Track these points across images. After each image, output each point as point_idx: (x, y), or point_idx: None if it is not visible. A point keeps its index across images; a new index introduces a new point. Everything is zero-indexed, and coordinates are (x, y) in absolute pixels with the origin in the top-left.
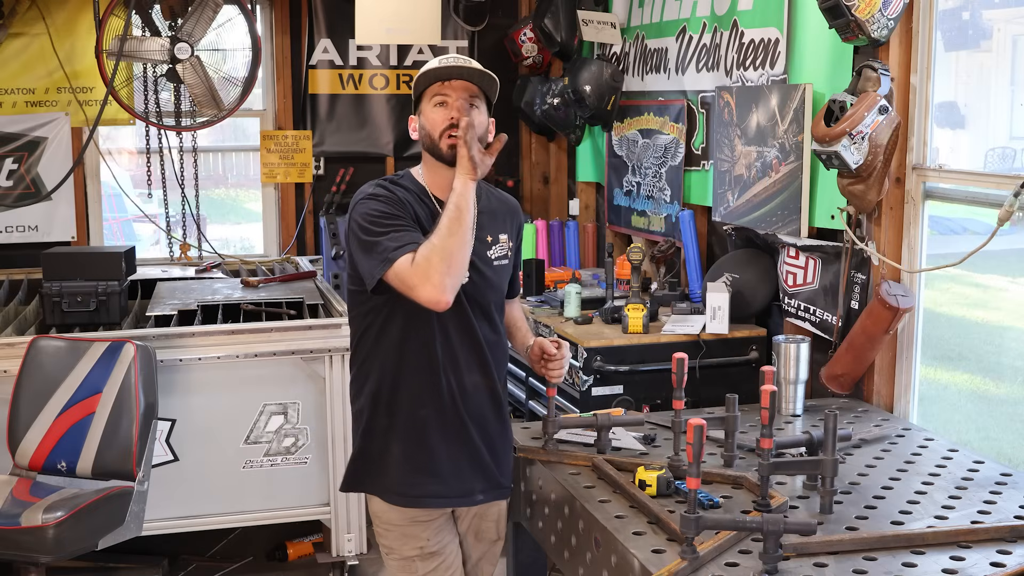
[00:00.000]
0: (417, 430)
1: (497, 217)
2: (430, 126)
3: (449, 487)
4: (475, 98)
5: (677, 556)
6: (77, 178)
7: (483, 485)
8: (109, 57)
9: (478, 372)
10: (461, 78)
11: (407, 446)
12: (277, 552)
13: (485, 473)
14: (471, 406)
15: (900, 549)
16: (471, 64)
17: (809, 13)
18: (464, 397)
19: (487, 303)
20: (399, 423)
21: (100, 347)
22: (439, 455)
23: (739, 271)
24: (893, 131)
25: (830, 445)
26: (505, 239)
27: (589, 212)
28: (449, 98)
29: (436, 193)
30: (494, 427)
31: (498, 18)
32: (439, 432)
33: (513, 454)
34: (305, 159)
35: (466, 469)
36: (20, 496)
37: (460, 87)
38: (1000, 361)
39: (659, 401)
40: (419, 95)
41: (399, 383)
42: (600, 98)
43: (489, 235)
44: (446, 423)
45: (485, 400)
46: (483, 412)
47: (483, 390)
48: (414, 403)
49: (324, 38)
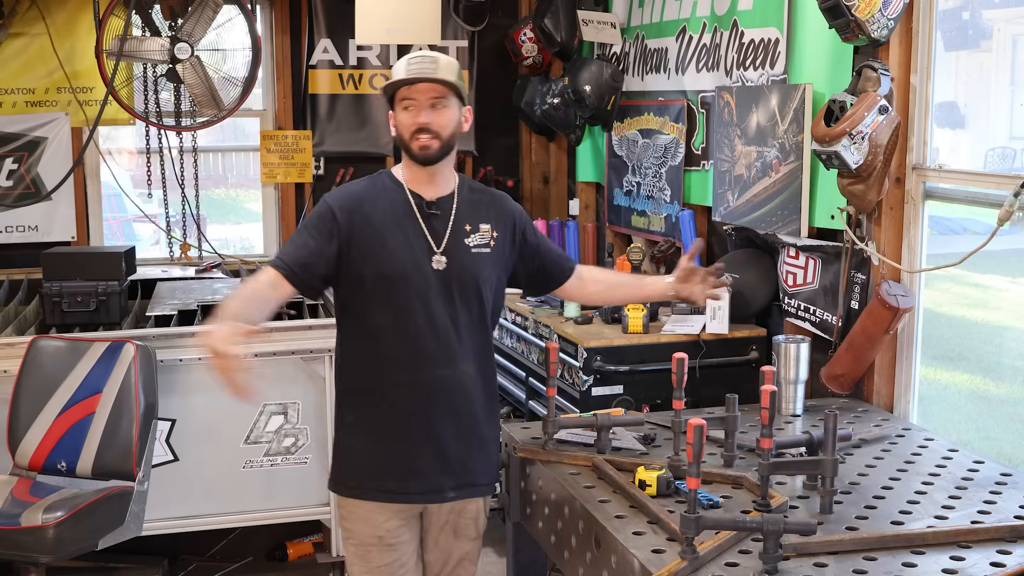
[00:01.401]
0: (380, 426)
1: (480, 208)
2: (401, 128)
3: (414, 484)
4: (440, 98)
5: (677, 556)
6: (77, 178)
7: (454, 483)
8: (109, 57)
9: (447, 365)
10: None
11: (370, 442)
12: (277, 552)
13: (455, 471)
14: (438, 401)
15: (900, 549)
16: (437, 66)
17: (809, 13)
18: (429, 392)
19: (466, 289)
20: (363, 418)
21: (100, 347)
22: (402, 452)
23: (739, 271)
24: (893, 131)
25: (830, 445)
26: (487, 228)
27: (589, 212)
28: (415, 102)
29: (412, 187)
30: (468, 423)
31: (498, 18)
32: (402, 428)
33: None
34: (305, 159)
35: (433, 467)
36: (20, 496)
37: (425, 89)
38: (1000, 361)
39: (659, 401)
40: (391, 96)
41: (356, 375)
42: (600, 98)
43: (468, 224)
44: (409, 419)
45: (457, 394)
46: (454, 407)
47: (454, 384)
48: (376, 398)
49: (324, 38)
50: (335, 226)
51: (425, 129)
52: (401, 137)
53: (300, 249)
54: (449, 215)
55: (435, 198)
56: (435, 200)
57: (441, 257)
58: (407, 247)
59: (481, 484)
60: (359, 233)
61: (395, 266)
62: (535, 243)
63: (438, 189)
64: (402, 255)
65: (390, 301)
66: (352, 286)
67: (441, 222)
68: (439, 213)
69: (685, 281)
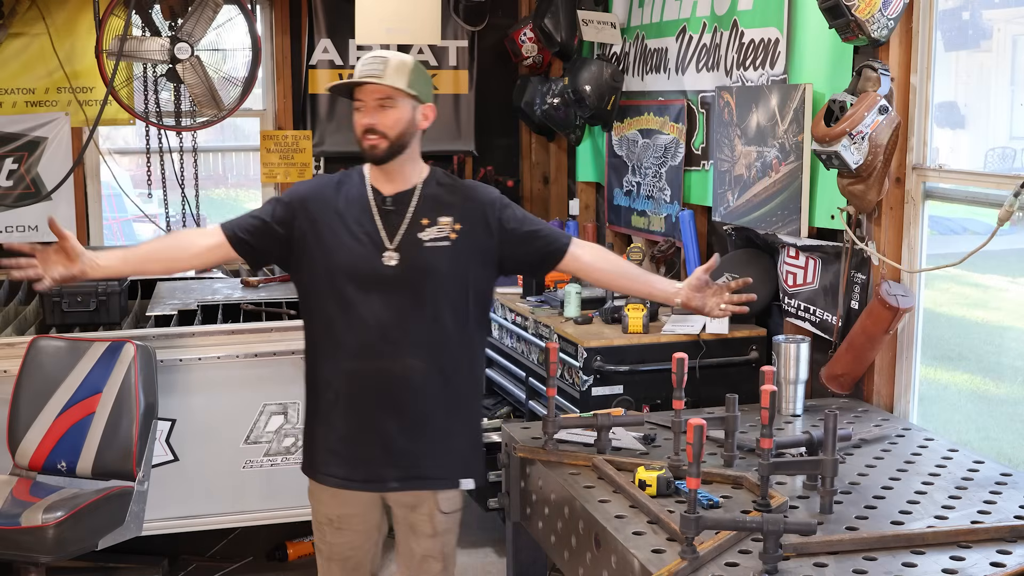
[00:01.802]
0: (326, 410)
1: (442, 201)
2: (355, 128)
3: (356, 472)
4: (387, 99)
5: (677, 556)
6: (77, 178)
7: (399, 474)
8: (109, 57)
9: (391, 359)
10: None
11: (319, 425)
12: (277, 552)
13: (400, 463)
14: (382, 392)
15: (900, 549)
16: (384, 68)
17: (809, 13)
18: (372, 384)
19: (419, 285)
20: (316, 405)
21: (100, 347)
22: (344, 438)
23: (739, 271)
24: (893, 131)
25: (830, 445)
26: (447, 221)
27: (589, 212)
28: (364, 104)
29: (374, 183)
30: (415, 415)
31: (498, 18)
32: (344, 414)
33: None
34: (305, 159)
35: (376, 457)
36: (20, 496)
37: (371, 91)
38: (1000, 361)
39: (659, 401)
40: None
41: (311, 361)
42: (600, 98)
43: (425, 218)
44: (354, 409)
45: (402, 388)
46: (399, 401)
47: (399, 378)
48: (324, 386)
49: (324, 38)
50: (287, 214)
51: (372, 130)
52: (356, 136)
53: (249, 220)
54: (406, 210)
55: (394, 193)
56: (393, 195)
57: (393, 253)
58: (359, 241)
59: (433, 478)
60: (311, 224)
61: (345, 259)
62: (517, 228)
63: (397, 184)
64: (353, 249)
65: (339, 293)
66: (305, 275)
67: (397, 217)
68: (395, 209)
69: (698, 291)
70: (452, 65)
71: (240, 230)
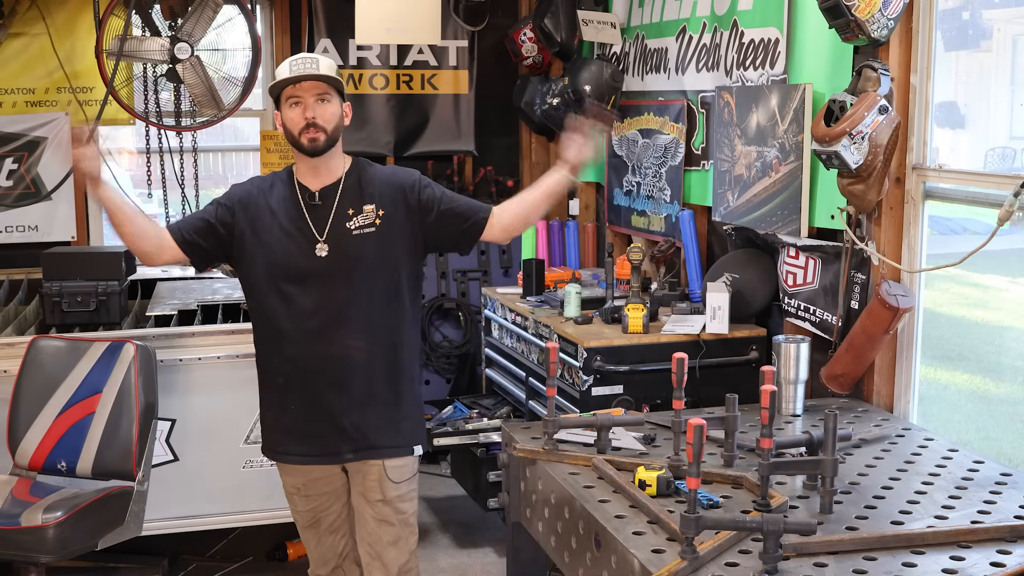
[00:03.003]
0: (277, 395)
1: (364, 189)
2: (290, 124)
3: (311, 448)
4: (324, 94)
5: (677, 556)
6: (77, 178)
7: (351, 446)
8: (109, 57)
9: (332, 340)
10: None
11: (272, 410)
12: (277, 552)
13: (351, 436)
14: (326, 373)
15: (900, 549)
16: (318, 66)
17: (809, 13)
18: (315, 367)
19: (350, 272)
20: (265, 389)
21: (100, 347)
22: (296, 418)
23: (739, 271)
24: (893, 131)
25: (830, 445)
26: (371, 209)
27: (589, 212)
28: (303, 99)
29: (300, 180)
30: (361, 391)
31: (498, 18)
32: (293, 397)
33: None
34: None
35: (327, 432)
36: (20, 496)
37: (310, 87)
38: (1000, 361)
39: (659, 401)
40: (276, 97)
41: (260, 352)
42: (600, 98)
43: (350, 208)
44: (300, 391)
45: (345, 368)
46: (342, 379)
47: (341, 359)
48: (271, 370)
49: (324, 38)
50: (228, 215)
51: (312, 123)
52: (290, 133)
53: (194, 220)
54: (332, 203)
55: (319, 188)
56: (319, 190)
57: (323, 245)
58: (290, 237)
59: (383, 447)
60: (249, 224)
61: (280, 255)
62: (435, 206)
63: (323, 179)
64: (286, 245)
65: (277, 286)
66: (246, 272)
67: (324, 211)
68: (322, 203)
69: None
70: (452, 65)
71: (187, 232)
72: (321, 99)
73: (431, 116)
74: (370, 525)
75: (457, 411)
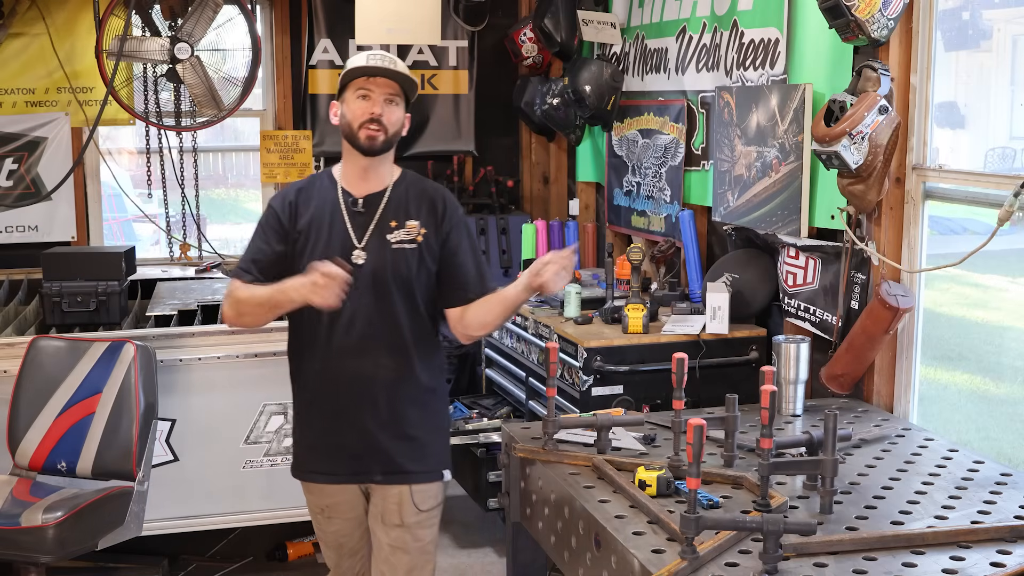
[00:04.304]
0: (308, 412)
1: (411, 203)
2: (351, 115)
3: (340, 466)
4: (395, 95)
5: (677, 556)
6: (77, 178)
7: (382, 468)
8: (109, 57)
9: (364, 358)
10: (385, 76)
11: (302, 427)
12: (277, 552)
13: (381, 457)
14: (356, 391)
15: (900, 549)
16: (396, 65)
17: (809, 13)
18: (346, 382)
19: (385, 285)
20: (298, 405)
21: (100, 347)
22: (328, 436)
23: (739, 271)
24: (893, 131)
25: (830, 445)
26: (415, 225)
27: (589, 212)
28: (372, 93)
29: (345, 184)
30: (390, 412)
31: (498, 18)
32: (325, 414)
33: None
34: (305, 159)
35: (359, 451)
36: (20, 496)
37: (383, 84)
38: (1000, 361)
39: (659, 401)
40: (344, 85)
41: (295, 367)
42: (600, 98)
43: (393, 220)
44: (331, 406)
45: (376, 386)
46: (373, 398)
47: (372, 376)
48: (304, 386)
49: (324, 38)
50: (281, 228)
51: (377, 120)
52: (349, 125)
53: (259, 254)
54: (375, 211)
55: (364, 195)
56: (363, 197)
57: (361, 252)
58: (330, 243)
59: (410, 471)
60: (295, 230)
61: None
62: (451, 254)
63: (370, 185)
64: (325, 250)
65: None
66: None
67: (366, 218)
68: (364, 210)
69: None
70: (452, 65)
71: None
72: (390, 100)
73: (431, 116)
74: (384, 551)
75: (457, 411)
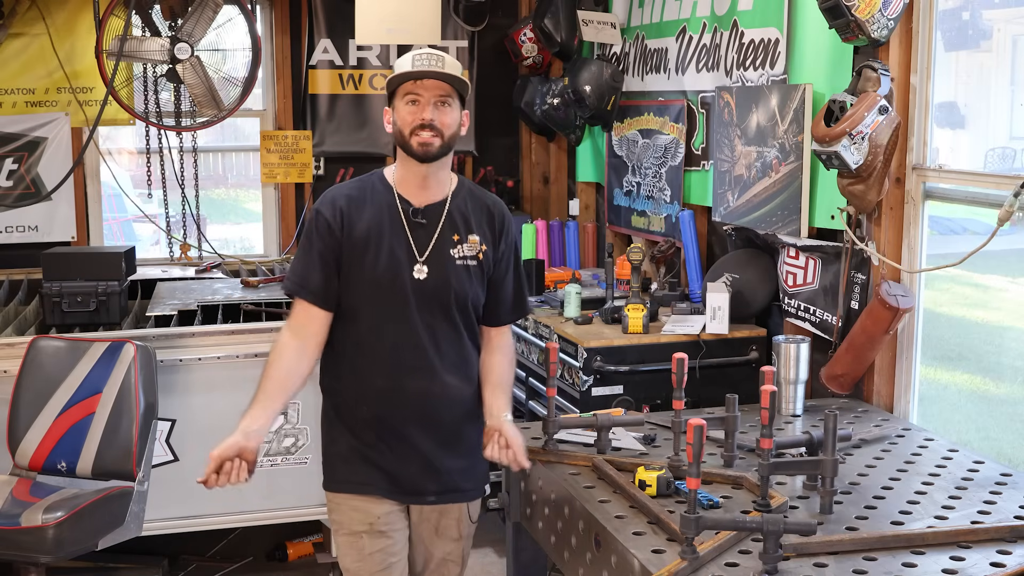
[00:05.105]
0: (363, 430)
1: (472, 217)
2: (401, 122)
3: (397, 486)
4: (447, 96)
5: (677, 556)
6: (77, 178)
7: (437, 488)
8: (109, 57)
9: (426, 376)
10: (434, 78)
11: (354, 444)
12: (277, 552)
13: (439, 478)
14: (418, 411)
15: (900, 549)
16: (443, 64)
17: (809, 13)
18: (408, 402)
19: (446, 301)
20: (347, 422)
21: (100, 347)
22: (384, 455)
23: (739, 271)
24: (893, 131)
25: (830, 445)
26: (476, 240)
27: (589, 212)
28: (421, 97)
29: (401, 191)
30: (450, 431)
31: (498, 18)
32: (383, 433)
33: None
34: (305, 159)
35: (416, 472)
36: (20, 496)
37: (432, 86)
38: (1000, 361)
39: (659, 401)
40: (393, 91)
41: (344, 383)
42: (600, 98)
43: (455, 234)
44: (389, 426)
45: (438, 405)
46: (435, 417)
47: (435, 395)
48: (356, 404)
49: (324, 38)
50: (332, 236)
51: (429, 126)
52: (400, 133)
53: (315, 271)
54: (437, 223)
55: (424, 204)
56: (424, 207)
57: (422, 267)
58: (389, 255)
59: (465, 490)
60: (348, 240)
61: (376, 274)
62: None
63: (430, 194)
64: (384, 263)
65: (370, 309)
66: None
67: (427, 230)
68: (425, 222)
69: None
70: None
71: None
72: (442, 101)
73: None
74: (434, 561)
75: None
